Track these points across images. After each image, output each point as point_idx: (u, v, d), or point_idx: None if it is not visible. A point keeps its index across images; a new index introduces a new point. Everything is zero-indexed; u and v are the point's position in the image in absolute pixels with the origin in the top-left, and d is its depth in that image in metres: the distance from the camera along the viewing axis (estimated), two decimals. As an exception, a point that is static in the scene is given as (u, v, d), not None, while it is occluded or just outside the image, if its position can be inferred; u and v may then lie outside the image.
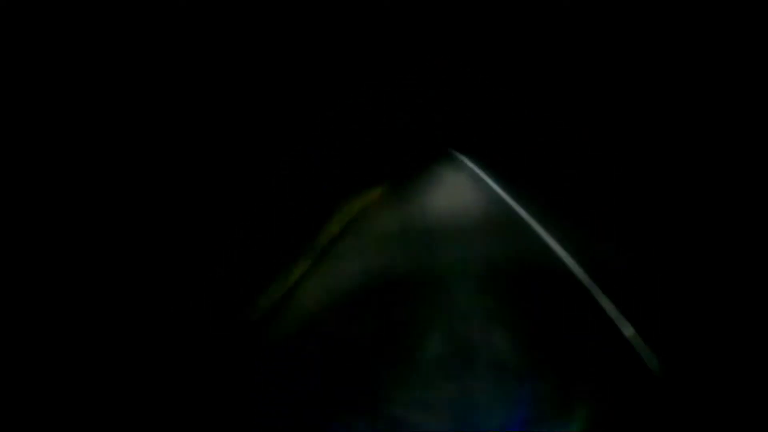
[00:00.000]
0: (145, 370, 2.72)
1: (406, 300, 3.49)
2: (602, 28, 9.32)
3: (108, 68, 6.62)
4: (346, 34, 13.88)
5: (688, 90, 6.96)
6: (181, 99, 7.79)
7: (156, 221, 5.93)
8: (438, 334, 2.84)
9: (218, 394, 2.50)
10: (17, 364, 2.73)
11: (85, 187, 5.73)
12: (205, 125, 8.26)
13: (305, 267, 4.64)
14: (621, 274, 3.54)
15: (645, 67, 8.14)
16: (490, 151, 13.90)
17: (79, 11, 6.08)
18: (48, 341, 3.03)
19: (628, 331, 2.73)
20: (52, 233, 4.72)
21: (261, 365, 2.73)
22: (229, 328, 3.26)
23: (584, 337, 2.75)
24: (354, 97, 14.32)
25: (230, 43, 8.82)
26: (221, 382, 2.61)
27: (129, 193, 5.92)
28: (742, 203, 4.49)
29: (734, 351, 2.43)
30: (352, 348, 2.77)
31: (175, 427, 2.33)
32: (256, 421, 2.31)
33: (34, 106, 5.58)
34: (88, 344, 3.04)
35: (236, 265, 4.74)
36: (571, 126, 12.01)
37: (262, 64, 10.04)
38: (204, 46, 8.18)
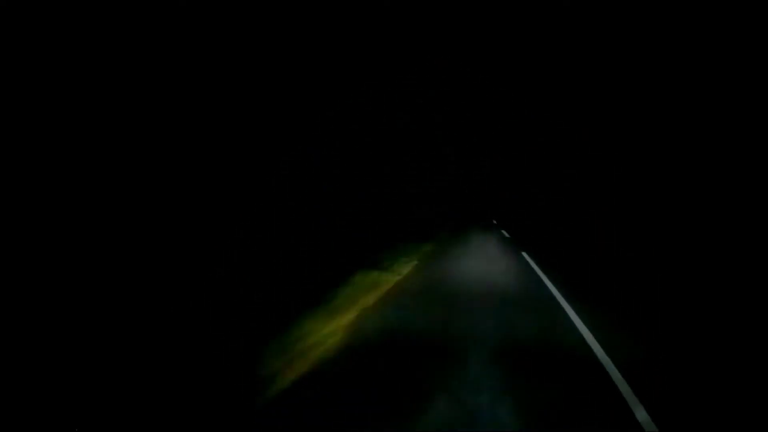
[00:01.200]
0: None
1: (418, 363, 3.46)
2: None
3: (108, 68, 6.32)
4: (347, 35, 13.56)
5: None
6: (180, 99, 7.50)
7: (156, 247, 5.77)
8: (445, 402, 2.84)
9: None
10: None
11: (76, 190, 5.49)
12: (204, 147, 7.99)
13: (322, 320, 4.60)
14: (641, 362, 3.61)
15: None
16: (532, 229, 14.00)
17: (79, 11, 5.78)
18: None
19: (641, 415, 2.95)
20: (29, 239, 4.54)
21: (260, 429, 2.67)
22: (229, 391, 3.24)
23: (596, 417, 2.82)
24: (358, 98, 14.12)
25: (230, 44, 8.52)
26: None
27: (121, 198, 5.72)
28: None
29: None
30: (356, 409, 2.74)
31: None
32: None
33: (34, 106, 5.28)
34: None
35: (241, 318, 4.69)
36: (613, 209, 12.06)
37: (264, 65, 9.75)
38: (204, 47, 7.89)
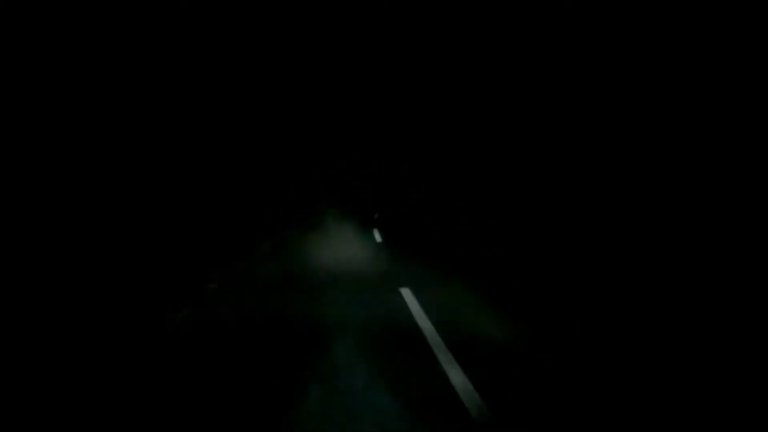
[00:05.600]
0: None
1: (285, 348, 3.32)
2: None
3: (98, 69, 6.78)
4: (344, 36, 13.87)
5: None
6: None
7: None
8: (316, 387, 2.68)
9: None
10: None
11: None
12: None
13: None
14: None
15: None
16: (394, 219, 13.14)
17: (79, 11, 6.24)
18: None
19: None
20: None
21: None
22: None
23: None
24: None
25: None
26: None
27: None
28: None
29: None
30: (223, 395, 2.60)
31: None
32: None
33: (34, 106, 5.53)
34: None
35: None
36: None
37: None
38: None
